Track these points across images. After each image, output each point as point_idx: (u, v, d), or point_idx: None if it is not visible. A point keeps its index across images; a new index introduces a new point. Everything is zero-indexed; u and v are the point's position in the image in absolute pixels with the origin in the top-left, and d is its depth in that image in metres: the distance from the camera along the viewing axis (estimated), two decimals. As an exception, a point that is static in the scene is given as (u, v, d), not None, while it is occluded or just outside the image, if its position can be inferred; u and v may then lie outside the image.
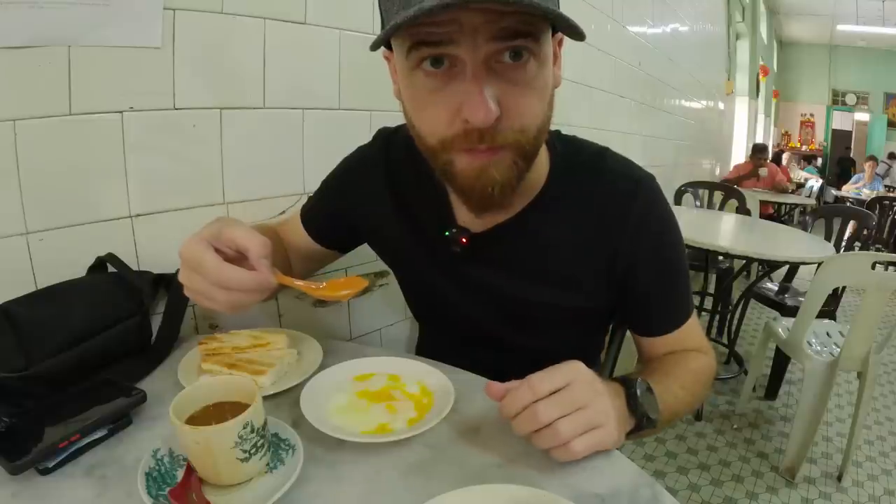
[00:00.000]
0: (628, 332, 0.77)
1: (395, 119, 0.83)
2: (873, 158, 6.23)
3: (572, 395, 0.49)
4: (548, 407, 0.48)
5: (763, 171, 4.04)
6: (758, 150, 4.34)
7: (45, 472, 0.48)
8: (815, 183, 6.46)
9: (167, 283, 0.79)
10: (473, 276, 0.70)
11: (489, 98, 0.48)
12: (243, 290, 0.52)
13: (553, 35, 0.53)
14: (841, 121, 9.31)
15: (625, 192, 0.63)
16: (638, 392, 0.54)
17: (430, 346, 0.89)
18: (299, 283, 0.57)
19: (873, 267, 1.56)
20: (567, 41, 0.55)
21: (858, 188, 5.83)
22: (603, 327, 0.85)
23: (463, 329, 0.76)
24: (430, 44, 0.47)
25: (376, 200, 0.74)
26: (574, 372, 0.51)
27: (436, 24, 0.46)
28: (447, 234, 0.67)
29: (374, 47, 0.48)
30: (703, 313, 2.61)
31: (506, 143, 0.52)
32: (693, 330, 0.70)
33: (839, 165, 8.48)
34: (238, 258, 0.54)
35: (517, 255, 0.67)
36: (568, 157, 0.66)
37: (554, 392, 0.49)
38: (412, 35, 0.47)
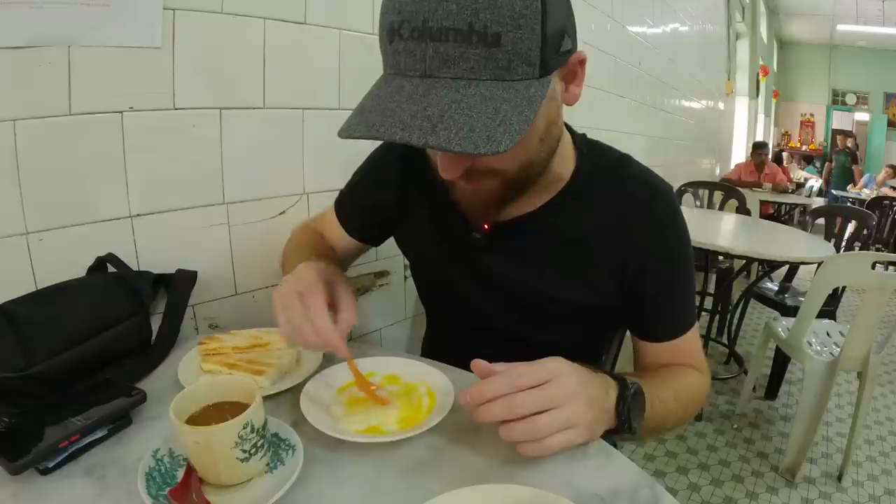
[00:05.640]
0: (628, 333, 0.77)
1: (395, 119, 0.83)
2: (893, 167, 6.16)
3: (552, 393, 0.49)
4: (527, 400, 0.49)
5: (767, 187, 4.07)
6: (758, 147, 4.35)
7: (45, 472, 0.48)
8: (815, 183, 6.45)
9: (167, 283, 0.79)
10: (489, 266, 0.71)
11: (456, 157, 0.51)
12: (320, 343, 0.57)
13: (564, 66, 0.52)
14: (841, 121, 9.30)
15: (643, 199, 0.65)
16: (630, 396, 0.55)
17: (435, 341, 0.90)
18: (359, 376, 0.61)
19: (873, 267, 1.56)
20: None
21: (860, 189, 5.82)
22: (610, 328, 0.86)
23: (472, 321, 0.77)
24: None
25: (402, 189, 0.77)
26: (557, 369, 0.51)
27: None
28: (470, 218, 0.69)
29: (342, 135, 0.46)
30: (703, 313, 2.60)
31: (486, 180, 0.55)
32: (693, 343, 0.70)
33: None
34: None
35: (534, 248, 0.69)
36: (593, 159, 0.68)
37: (533, 387, 0.49)
38: None
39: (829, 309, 2.09)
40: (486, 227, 0.69)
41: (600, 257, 0.67)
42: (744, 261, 2.07)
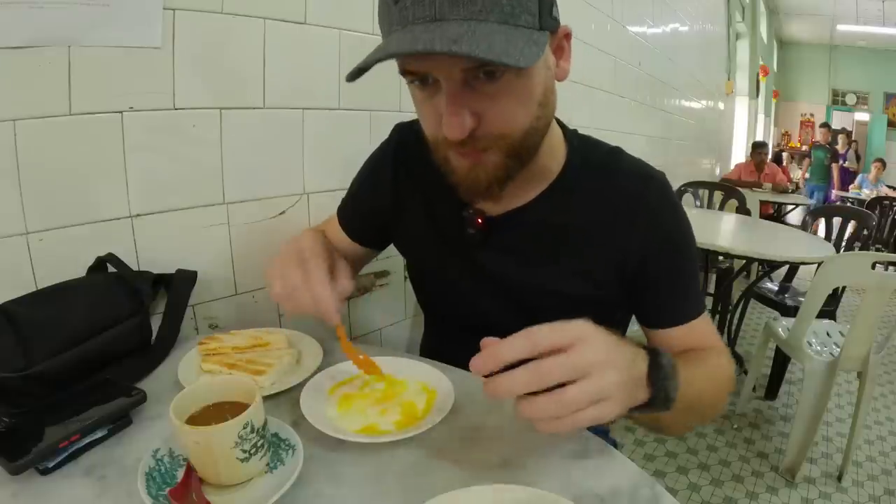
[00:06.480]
0: (629, 332, 0.76)
1: (394, 119, 0.83)
2: (881, 161, 6.14)
3: (578, 359, 0.42)
4: (553, 366, 0.41)
5: (767, 187, 4.06)
6: (758, 147, 4.36)
7: (45, 472, 0.48)
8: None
9: (167, 283, 0.79)
10: (485, 262, 0.71)
11: (464, 114, 0.52)
12: (316, 309, 0.58)
13: (554, 32, 0.55)
14: (841, 121, 9.29)
15: (637, 188, 0.66)
16: (664, 362, 0.48)
17: (433, 341, 0.90)
18: (346, 342, 0.63)
19: (873, 267, 1.56)
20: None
21: (858, 189, 5.81)
22: (610, 324, 0.85)
23: (469, 319, 0.77)
24: (412, 72, 0.53)
25: (397, 192, 0.78)
26: (582, 332, 0.44)
27: (413, 58, 0.51)
28: (464, 214, 0.70)
29: (351, 79, 0.50)
30: (703, 313, 2.60)
31: (489, 147, 0.56)
32: (708, 328, 0.68)
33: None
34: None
35: (529, 242, 0.69)
36: (584, 152, 0.69)
37: (555, 351, 0.42)
38: (399, 63, 0.53)
39: (829, 309, 2.09)
40: (479, 221, 0.69)
41: (596, 249, 0.67)
42: (744, 261, 2.07)
